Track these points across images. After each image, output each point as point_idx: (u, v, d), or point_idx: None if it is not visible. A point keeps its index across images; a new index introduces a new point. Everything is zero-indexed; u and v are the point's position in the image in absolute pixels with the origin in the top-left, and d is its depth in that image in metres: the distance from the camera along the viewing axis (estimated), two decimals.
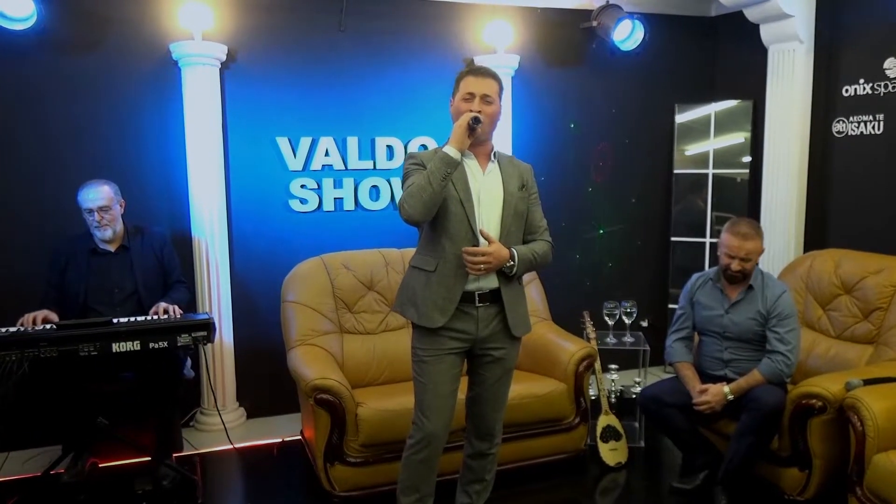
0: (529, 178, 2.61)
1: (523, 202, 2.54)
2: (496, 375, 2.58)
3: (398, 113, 4.24)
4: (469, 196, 2.42)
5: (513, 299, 2.52)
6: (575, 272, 4.75)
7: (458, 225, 2.40)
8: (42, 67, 3.58)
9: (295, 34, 4.00)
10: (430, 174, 2.28)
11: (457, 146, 2.30)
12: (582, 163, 4.70)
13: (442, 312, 2.40)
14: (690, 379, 3.13)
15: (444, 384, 2.48)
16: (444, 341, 2.45)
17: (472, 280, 2.42)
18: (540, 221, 2.61)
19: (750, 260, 3.00)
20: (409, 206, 2.30)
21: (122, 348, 2.87)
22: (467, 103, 2.41)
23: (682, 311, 3.27)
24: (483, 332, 2.48)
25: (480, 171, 2.49)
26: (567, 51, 4.56)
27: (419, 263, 2.49)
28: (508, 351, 2.57)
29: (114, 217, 3.30)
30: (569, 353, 3.34)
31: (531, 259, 2.50)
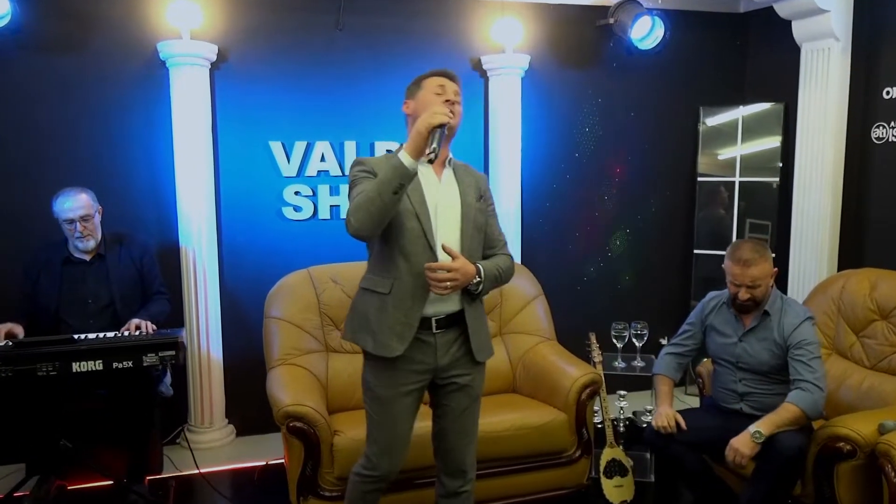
0: (486, 188, 2.39)
1: (482, 214, 2.31)
2: (462, 405, 2.33)
3: (399, 116, 3.81)
4: (425, 209, 2.19)
5: (476, 322, 2.29)
6: (589, 287, 4.45)
7: (415, 241, 2.17)
8: (22, 68, 3.44)
9: (290, 33, 3.80)
10: (381, 184, 2.02)
11: (414, 154, 2.03)
12: (597, 170, 4.40)
13: (400, 339, 2.17)
14: (662, 395, 2.86)
15: (402, 423, 2.27)
16: (401, 376, 2.22)
17: (430, 303, 2.19)
18: (499, 235, 2.41)
19: (758, 286, 2.69)
20: (356, 220, 2.05)
21: (83, 368, 2.68)
22: (439, 96, 2.21)
23: (687, 328, 2.97)
24: (443, 360, 2.25)
25: (436, 179, 2.26)
26: (582, 50, 4.27)
27: (371, 285, 2.25)
28: (474, 377, 2.33)
29: (94, 226, 3.13)
30: (570, 380, 3.06)
31: (496, 275, 2.28)
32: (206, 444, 3.77)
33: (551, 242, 4.35)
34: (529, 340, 3.47)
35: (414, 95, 2.29)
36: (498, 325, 3.54)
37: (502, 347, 3.48)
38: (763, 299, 2.73)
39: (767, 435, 2.51)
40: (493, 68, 4.04)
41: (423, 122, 2.02)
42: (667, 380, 2.90)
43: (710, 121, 4.46)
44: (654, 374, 2.94)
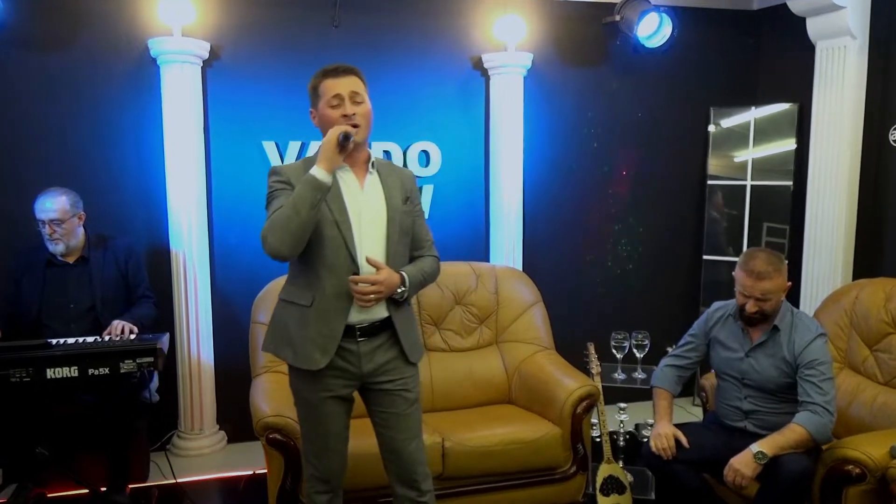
0: (414, 189, 2.28)
1: (409, 217, 2.22)
2: (399, 409, 2.23)
3: (396, 116, 3.89)
4: (346, 217, 2.10)
5: (405, 325, 2.23)
6: (593, 294, 4.30)
7: (336, 251, 2.09)
8: (10, 65, 3.37)
9: (284, 30, 3.70)
10: (297, 201, 1.95)
11: (326, 167, 1.97)
12: (603, 172, 4.26)
13: (323, 352, 2.10)
14: (661, 410, 2.71)
15: (332, 423, 2.21)
16: (325, 382, 2.15)
17: (354, 312, 2.11)
18: (426, 235, 2.34)
19: (769, 300, 2.53)
20: (275, 239, 1.96)
21: (58, 374, 2.59)
22: (337, 109, 2.09)
23: (689, 340, 2.82)
24: (367, 366, 2.17)
25: (358, 185, 2.16)
26: (587, 48, 4.12)
27: (291, 297, 2.17)
28: (407, 381, 2.24)
29: (68, 231, 3.05)
30: (566, 392, 2.92)
31: (421, 280, 2.23)
32: (196, 451, 3.68)
33: (554, 247, 4.21)
34: (526, 349, 3.34)
35: (315, 105, 2.17)
36: (494, 333, 3.42)
37: (498, 356, 3.36)
38: (772, 313, 2.57)
39: (771, 456, 2.36)
40: (494, 67, 3.91)
41: (328, 137, 1.99)
42: (666, 393, 2.75)
43: (721, 122, 4.30)
44: (653, 387, 2.80)
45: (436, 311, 3.35)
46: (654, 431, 2.63)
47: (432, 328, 3.36)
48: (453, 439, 2.79)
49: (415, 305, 3.30)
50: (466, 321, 3.39)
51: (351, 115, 2.07)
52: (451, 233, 4.02)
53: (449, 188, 4.00)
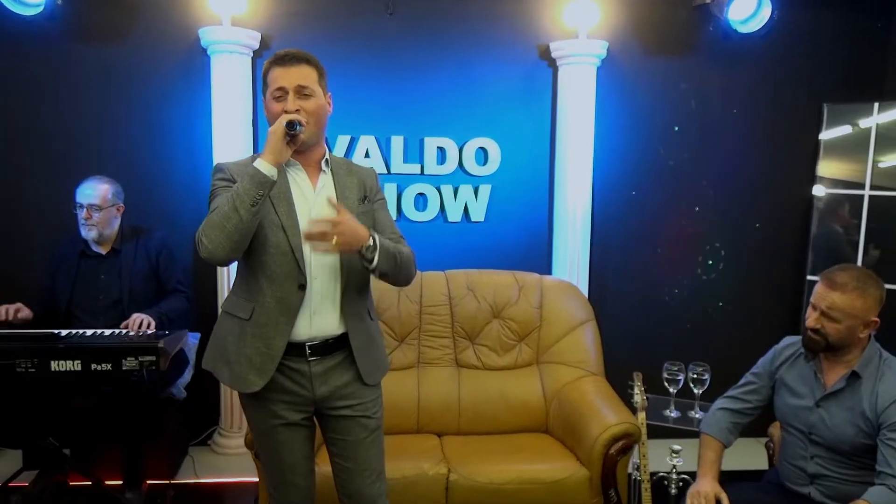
0: (373, 184, 2.05)
1: (367, 217, 1.98)
2: (357, 437, 1.98)
3: (453, 110, 3.62)
4: (294, 221, 1.87)
5: (364, 343, 1.96)
6: (668, 314, 3.81)
7: (280, 259, 1.85)
8: (66, 56, 3.42)
9: (336, 18, 3.52)
10: (237, 197, 1.73)
11: (271, 159, 1.74)
12: (688, 176, 3.75)
13: (259, 373, 1.86)
14: (706, 463, 2.23)
15: (288, 453, 1.98)
16: (273, 408, 1.92)
17: (303, 327, 1.87)
18: (392, 230, 2.04)
19: (834, 320, 2.03)
20: (210, 240, 1.74)
21: (62, 367, 2.55)
22: (279, 102, 1.85)
23: (751, 380, 2.34)
24: (321, 389, 1.93)
25: (310, 185, 1.94)
26: (672, 35, 3.64)
27: (231, 308, 1.94)
28: (367, 404, 1.99)
29: (104, 219, 3.03)
30: (599, 428, 2.53)
31: (395, 255, 1.90)
32: (234, 450, 3.60)
33: (625, 259, 3.77)
34: (569, 373, 2.97)
35: (264, 93, 1.93)
36: (534, 352, 3.06)
37: (537, 378, 3.00)
38: (837, 343, 2.06)
39: None
40: (563, 56, 3.53)
41: (273, 127, 1.78)
42: (714, 443, 2.29)
43: (835, 121, 3.66)
44: (700, 433, 2.35)
45: (470, 323, 3.05)
46: (692, 489, 2.19)
47: (465, 342, 3.06)
48: (460, 472, 2.49)
49: (447, 317, 3.04)
50: (504, 337, 3.06)
51: (292, 112, 1.83)
52: (509, 239, 3.69)
53: (508, 189, 3.67)
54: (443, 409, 2.90)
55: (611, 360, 3.37)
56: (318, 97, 1.90)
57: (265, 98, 1.92)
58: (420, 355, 3.01)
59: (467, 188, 3.63)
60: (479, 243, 3.67)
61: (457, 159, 3.62)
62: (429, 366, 3.00)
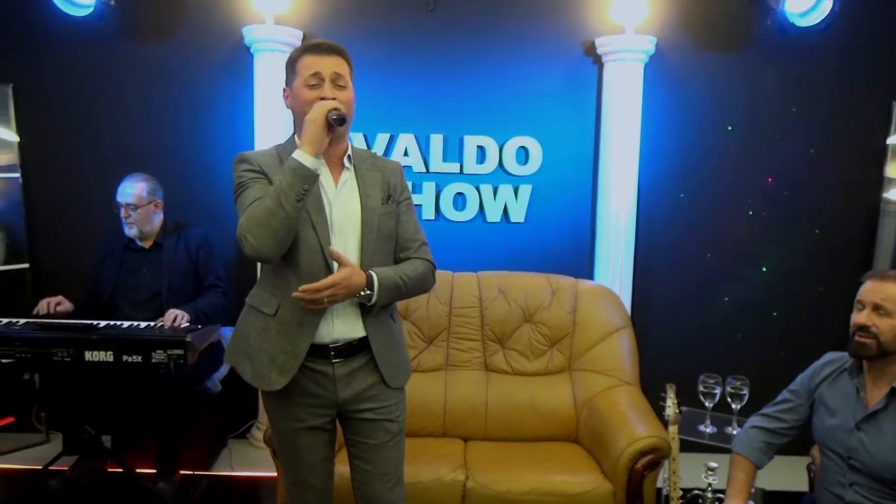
0: (398, 182, 1.97)
1: (390, 218, 1.92)
2: (379, 440, 1.93)
3: (494, 108, 3.55)
4: (322, 218, 1.82)
5: (385, 346, 1.91)
6: (717, 323, 3.62)
7: (310, 256, 1.79)
8: (117, 54, 3.52)
9: (377, 15, 3.51)
10: (281, 192, 1.66)
11: (312, 151, 1.67)
12: (741, 178, 3.56)
13: (281, 371, 1.81)
14: (735, 485, 2.10)
15: (309, 454, 1.93)
16: (295, 411, 1.88)
17: (326, 329, 1.83)
18: (415, 234, 1.97)
19: (889, 314, 1.87)
20: (256, 237, 1.68)
21: (95, 358, 2.62)
22: (314, 90, 1.78)
23: (788, 398, 2.18)
24: (344, 392, 1.88)
25: (332, 183, 1.87)
26: (725, 29, 3.46)
27: (257, 302, 1.89)
28: (391, 407, 1.94)
29: (142, 216, 3.11)
30: (626, 440, 2.41)
31: (399, 284, 1.86)
32: None
33: (672, 264, 3.61)
34: (602, 382, 2.86)
35: (290, 83, 1.85)
36: (567, 359, 2.96)
37: (568, 386, 2.91)
38: (891, 344, 1.90)
39: None
40: (609, 52, 3.41)
41: (312, 114, 1.70)
42: (746, 464, 2.15)
43: None
44: (732, 453, 2.21)
45: (500, 327, 2.98)
46: None
47: (495, 346, 2.99)
48: (478, 479, 2.42)
49: (477, 319, 2.97)
50: (535, 342, 2.97)
51: (330, 100, 1.76)
52: (550, 241, 3.59)
53: (549, 190, 3.58)
54: (469, 413, 2.84)
55: (653, 371, 3.24)
56: (350, 89, 1.85)
57: (293, 87, 1.83)
58: (448, 357, 2.96)
59: (507, 188, 3.56)
60: (518, 245, 3.59)
61: (497, 158, 3.55)
62: (457, 369, 2.95)
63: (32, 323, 2.77)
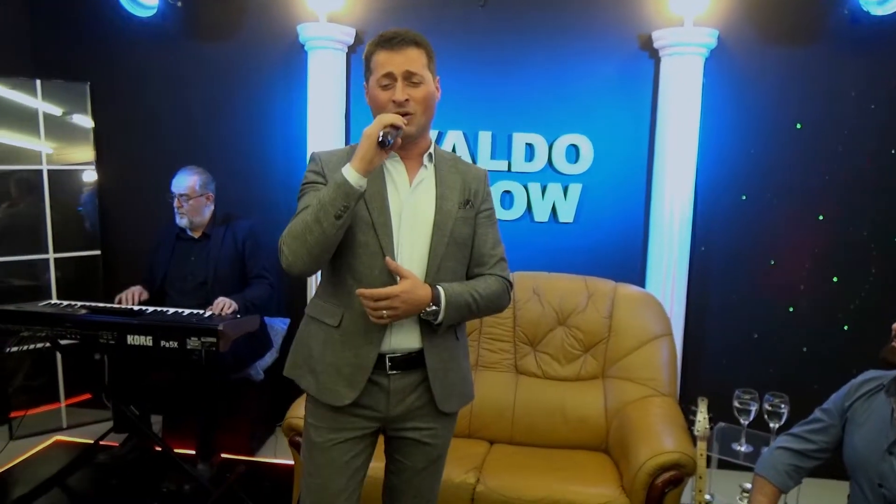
0: (480, 189, 1.83)
1: (467, 224, 1.77)
2: (419, 464, 1.83)
3: (544, 104, 3.46)
4: (386, 219, 1.70)
5: (442, 363, 1.77)
6: (785, 332, 3.38)
7: (370, 260, 1.69)
8: (179, 53, 3.70)
9: (428, 12, 3.50)
10: (321, 208, 1.58)
11: (361, 168, 1.57)
12: (811, 180, 3.30)
13: (351, 385, 1.71)
14: None
15: (337, 478, 1.77)
16: (344, 419, 1.75)
17: (385, 338, 1.71)
18: (492, 249, 1.82)
19: None
20: (291, 251, 1.61)
21: (136, 342, 2.74)
22: (386, 91, 1.67)
23: (819, 417, 2.00)
24: (396, 408, 1.76)
25: (406, 181, 1.75)
26: (794, 20, 3.22)
27: (318, 313, 1.78)
28: (437, 432, 1.82)
29: (194, 207, 3.24)
30: (647, 454, 2.28)
31: (469, 303, 1.72)
32: None
33: (731, 270, 3.40)
34: (635, 391, 2.72)
35: (367, 78, 1.75)
36: (601, 365, 2.85)
37: (600, 393, 2.79)
38: None
39: None
40: (666, 46, 3.25)
41: (370, 128, 1.58)
42: (769, 488, 1.98)
43: None
44: (755, 475, 2.05)
45: (532, 329, 2.90)
46: None
47: (527, 348, 2.91)
48: (489, 483, 2.36)
49: (509, 320, 2.91)
50: (569, 346, 2.87)
51: (403, 102, 1.66)
52: (600, 243, 3.47)
53: (600, 190, 3.45)
54: (495, 416, 2.78)
55: (707, 382, 3.09)
56: (427, 83, 1.70)
57: (368, 84, 1.73)
58: (479, 357, 2.91)
59: (556, 187, 3.46)
60: (566, 245, 3.49)
61: (546, 156, 3.46)
62: (486, 369, 2.89)
63: (84, 306, 2.94)
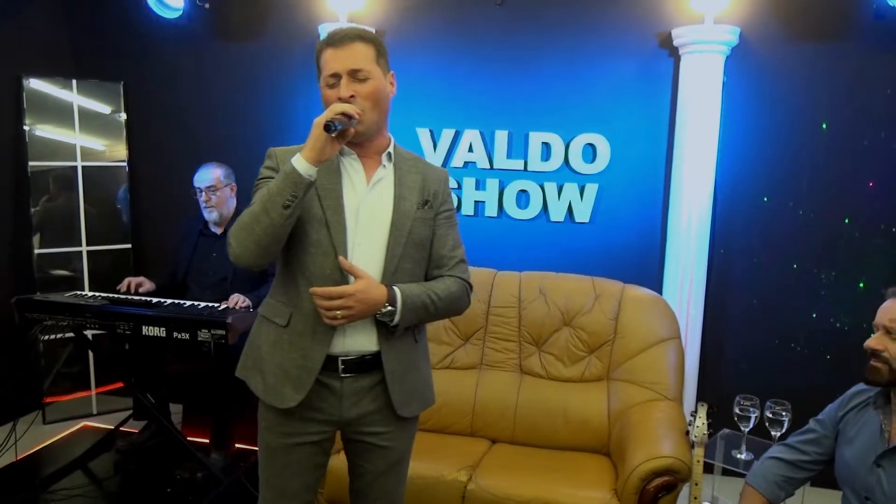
0: (441, 190, 1.81)
1: (425, 225, 1.75)
2: (380, 467, 1.82)
3: (561, 103, 3.43)
4: (341, 217, 1.67)
5: (401, 367, 1.75)
6: (808, 338, 3.27)
7: (322, 259, 1.66)
8: (204, 53, 3.81)
9: (447, 12, 3.51)
10: (269, 197, 1.55)
11: (311, 157, 1.54)
12: (838, 182, 3.19)
13: (296, 387, 1.67)
14: None
15: (292, 481, 1.77)
16: (295, 424, 1.72)
17: (339, 340, 1.68)
18: (452, 251, 1.79)
19: None
20: (238, 242, 1.59)
21: (151, 332, 2.84)
22: (333, 90, 1.65)
23: (813, 428, 1.95)
24: (350, 412, 1.73)
25: (364, 180, 1.72)
26: (820, 16, 3.10)
27: (269, 313, 1.76)
28: (395, 435, 1.79)
29: (221, 199, 3.32)
30: (641, 458, 2.25)
31: (426, 304, 1.69)
32: None
33: (751, 274, 3.31)
34: (640, 395, 2.69)
35: (318, 79, 1.73)
36: (605, 367, 2.81)
37: (604, 396, 2.76)
38: None
39: None
40: (686, 44, 3.18)
41: (319, 117, 1.55)
42: (756, 497, 1.94)
43: None
44: (745, 484, 2.00)
45: (537, 329, 2.88)
46: None
47: (532, 348, 2.90)
48: (480, 482, 2.37)
49: (515, 319, 2.90)
50: (573, 347, 2.85)
51: (348, 99, 1.62)
52: (616, 243, 3.42)
53: (617, 190, 3.41)
54: (497, 415, 2.78)
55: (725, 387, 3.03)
56: (376, 79, 1.66)
57: (320, 84, 1.71)
58: (483, 357, 2.91)
59: (572, 186, 3.43)
60: (582, 246, 3.46)
61: (562, 156, 3.43)
62: (491, 368, 2.90)
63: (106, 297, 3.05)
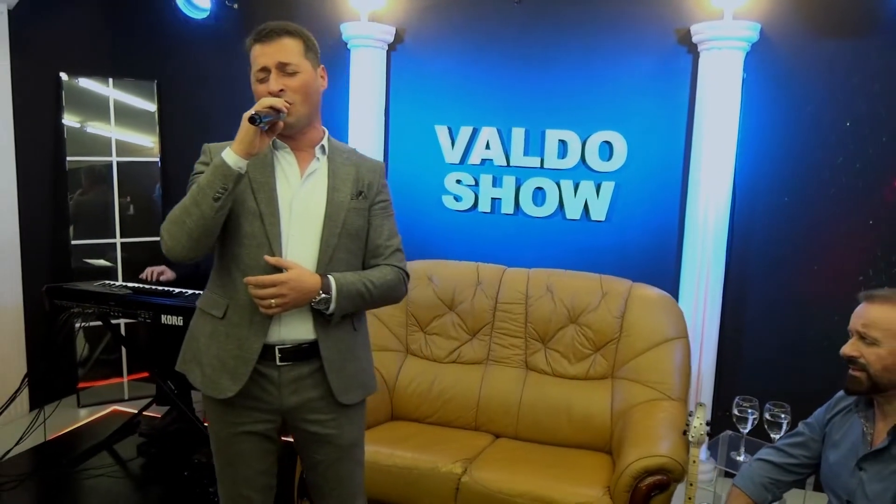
0: (375, 181, 1.83)
1: (360, 216, 1.78)
2: (329, 458, 1.82)
3: (578, 101, 3.42)
4: (274, 209, 1.68)
5: (339, 354, 1.75)
6: (829, 341, 3.16)
7: (256, 251, 1.67)
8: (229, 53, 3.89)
9: (465, 11, 3.55)
10: (200, 190, 1.57)
11: (240, 150, 1.56)
12: (861, 182, 3.10)
13: (233, 377, 1.69)
14: None
15: (244, 466, 1.79)
16: (237, 414, 1.74)
17: (274, 329, 1.70)
18: (388, 240, 1.82)
19: (874, 342, 1.59)
20: (170, 235, 1.60)
21: (169, 321, 2.95)
22: (263, 84, 1.68)
23: (801, 431, 1.91)
24: (289, 400, 1.74)
25: (297, 173, 1.75)
26: (843, 12, 3.02)
27: (206, 305, 1.78)
28: (340, 422, 1.79)
29: None
30: (634, 457, 2.23)
31: (362, 292, 1.71)
32: None
33: (770, 274, 3.24)
34: (643, 394, 2.66)
35: (250, 74, 1.75)
36: (610, 365, 2.80)
37: (608, 394, 2.75)
38: (881, 377, 1.63)
39: None
40: (705, 40, 3.14)
41: (248, 112, 1.57)
42: (742, 499, 1.90)
43: None
44: (732, 485, 1.97)
45: (543, 325, 2.88)
46: None
47: (538, 344, 2.90)
48: (475, 475, 2.38)
49: (521, 316, 2.91)
50: (579, 345, 2.84)
51: (277, 93, 1.65)
52: (632, 242, 3.40)
53: (633, 188, 3.38)
54: (501, 411, 2.80)
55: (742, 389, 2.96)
56: (305, 73, 1.69)
57: (251, 79, 1.73)
58: (490, 352, 2.93)
59: (588, 184, 3.41)
60: (598, 244, 3.44)
61: (579, 153, 3.42)
62: (497, 364, 2.91)
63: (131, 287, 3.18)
